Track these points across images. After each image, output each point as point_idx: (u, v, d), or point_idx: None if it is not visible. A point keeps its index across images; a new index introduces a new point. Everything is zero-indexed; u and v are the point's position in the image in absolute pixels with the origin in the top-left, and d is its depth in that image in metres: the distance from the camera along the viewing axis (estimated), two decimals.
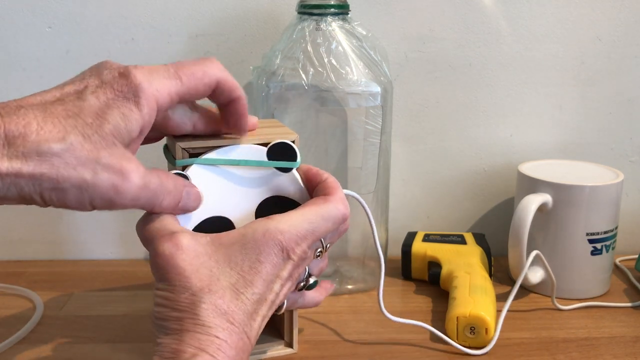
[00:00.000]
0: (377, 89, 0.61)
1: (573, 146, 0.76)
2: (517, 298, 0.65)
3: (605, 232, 0.64)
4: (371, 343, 0.56)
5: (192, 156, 0.45)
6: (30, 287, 0.66)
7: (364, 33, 0.63)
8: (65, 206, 0.36)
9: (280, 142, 0.46)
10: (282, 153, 0.46)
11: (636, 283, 0.68)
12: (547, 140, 0.76)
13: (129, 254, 0.76)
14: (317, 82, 0.59)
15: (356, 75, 0.60)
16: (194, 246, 0.40)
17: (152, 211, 0.41)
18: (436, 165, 0.76)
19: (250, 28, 0.71)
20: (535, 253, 0.61)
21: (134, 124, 0.37)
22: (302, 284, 0.47)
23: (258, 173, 0.46)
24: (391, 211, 0.71)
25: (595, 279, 0.65)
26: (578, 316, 0.61)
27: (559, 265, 0.64)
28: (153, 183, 0.39)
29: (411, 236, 0.71)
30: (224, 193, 0.45)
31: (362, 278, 0.67)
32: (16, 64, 0.70)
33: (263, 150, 0.46)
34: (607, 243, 0.64)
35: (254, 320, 0.40)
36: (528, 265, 0.60)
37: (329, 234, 0.45)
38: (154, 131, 0.43)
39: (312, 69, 0.59)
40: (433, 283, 0.66)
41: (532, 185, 0.65)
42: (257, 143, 0.46)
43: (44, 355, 0.54)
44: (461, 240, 0.70)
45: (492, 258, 0.69)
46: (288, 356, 0.54)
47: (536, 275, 0.64)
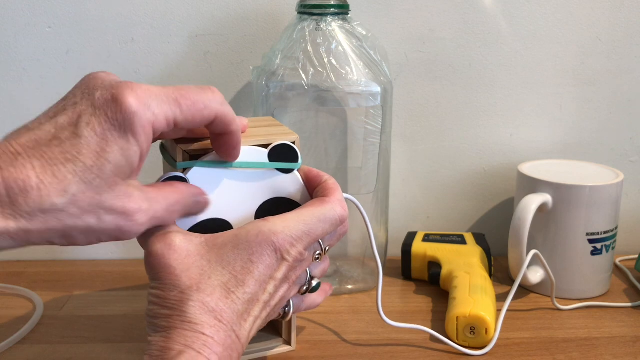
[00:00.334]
0: (377, 89, 0.61)
1: (573, 146, 0.76)
2: (517, 298, 0.65)
3: (605, 232, 0.64)
4: (371, 343, 0.56)
5: (193, 158, 0.45)
6: (30, 287, 0.66)
7: (364, 33, 0.63)
8: (75, 245, 0.36)
9: (281, 144, 0.46)
10: (284, 154, 0.46)
11: (636, 283, 0.68)
12: (547, 140, 0.76)
13: (129, 254, 0.76)
14: (317, 82, 0.59)
15: (356, 75, 0.60)
16: (186, 246, 0.40)
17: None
18: (436, 165, 0.76)
19: (250, 28, 0.71)
20: (534, 253, 0.61)
21: (134, 156, 0.36)
22: (305, 287, 0.47)
23: (259, 175, 0.46)
24: (391, 211, 0.71)
25: (595, 279, 0.65)
26: (578, 316, 0.61)
27: (559, 265, 0.64)
28: (159, 211, 0.38)
29: (411, 236, 0.71)
30: (225, 195, 0.45)
31: (362, 278, 0.67)
32: (16, 64, 0.70)
33: (264, 152, 0.46)
34: (607, 243, 0.64)
35: (245, 320, 0.40)
36: (527, 265, 0.60)
37: (327, 236, 0.45)
38: None
39: (312, 69, 0.59)
40: (433, 283, 0.66)
41: (532, 185, 0.65)
42: (258, 144, 0.46)
43: (44, 355, 0.54)
44: (461, 240, 0.70)
45: (492, 258, 0.69)
46: (288, 356, 0.54)
47: (536, 275, 0.64)
